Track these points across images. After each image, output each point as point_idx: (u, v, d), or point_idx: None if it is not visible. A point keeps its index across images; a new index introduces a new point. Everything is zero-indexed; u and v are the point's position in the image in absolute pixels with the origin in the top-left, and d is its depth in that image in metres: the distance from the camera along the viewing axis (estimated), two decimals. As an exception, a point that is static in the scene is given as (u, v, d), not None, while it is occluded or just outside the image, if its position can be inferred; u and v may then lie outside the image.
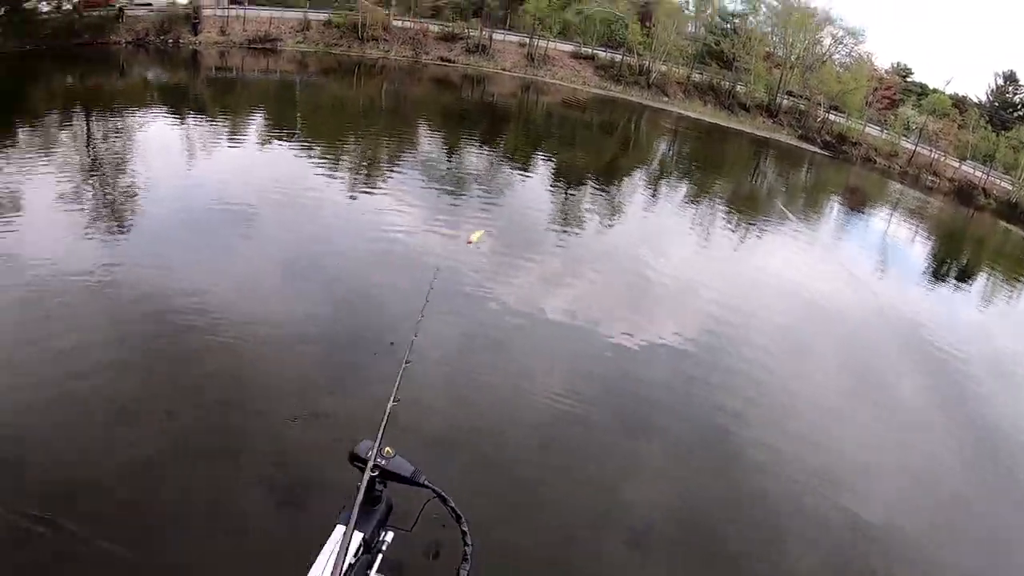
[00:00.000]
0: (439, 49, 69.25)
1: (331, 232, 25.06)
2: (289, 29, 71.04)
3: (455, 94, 59.86)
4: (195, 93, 55.33)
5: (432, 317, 19.13)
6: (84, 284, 19.94)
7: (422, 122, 43.90)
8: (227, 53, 69.87)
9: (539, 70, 69.42)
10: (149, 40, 74.95)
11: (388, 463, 4.18)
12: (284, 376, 15.80)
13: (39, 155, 36.36)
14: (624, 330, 18.78)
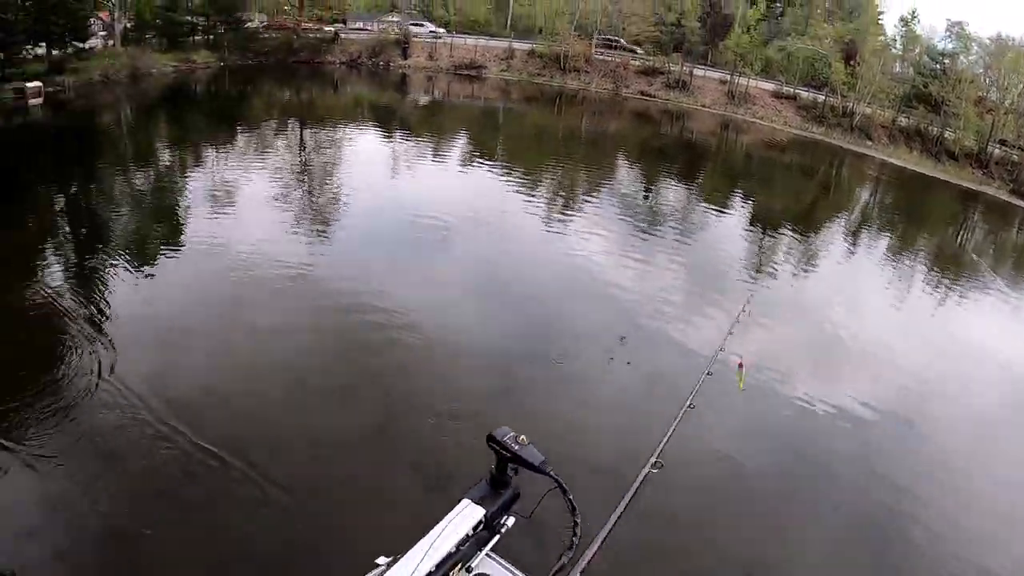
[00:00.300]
0: (639, 83, 69.28)
1: (522, 255, 25.19)
2: (494, 57, 73.22)
3: (654, 129, 58.65)
4: (402, 113, 57.59)
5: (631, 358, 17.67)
6: (285, 275, 21.18)
7: (620, 155, 43.75)
8: (434, 77, 72.65)
9: (739, 108, 66.71)
10: (361, 62, 78.91)
11: (520, 449, 4.37)
12: (455, 379, 16.26)
13: (255, 158, 38.96)
14: (804, 389, 17.67)
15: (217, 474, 12.34)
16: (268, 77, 75.47)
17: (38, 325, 18.56)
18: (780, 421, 16.40)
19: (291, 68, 78.11)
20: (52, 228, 27.15)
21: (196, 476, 12.40)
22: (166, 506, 11.82)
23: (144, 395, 14.74)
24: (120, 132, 50.84)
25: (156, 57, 75.67)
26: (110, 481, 12.45)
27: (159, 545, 10.93)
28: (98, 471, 12.66)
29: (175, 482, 12.39)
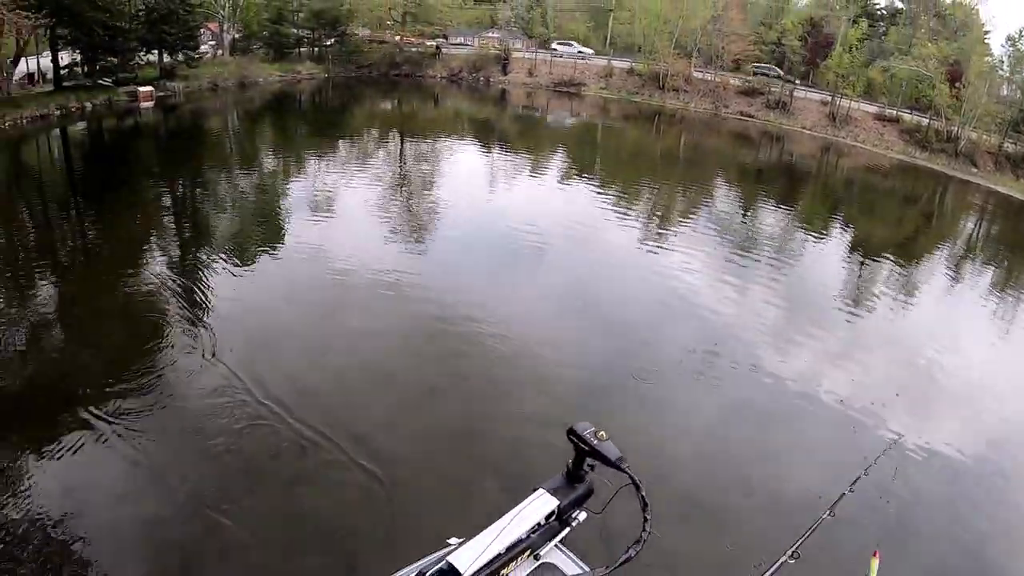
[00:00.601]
0: (739, 103, 68.58)
1: (614, 271, 25.06)
2: (593, 75, 73.46)
3: (753, 150, 58.01)
4: (501, 128, 58.26)
5: (708, 381, 17.18)
6: (379, 280, 21.81)
7: (718, 175, 43.44)
8: (533, 93, 73.37)
9: (840, 131, 64.41)
10: (462, 76, 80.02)
11: (599, 444, 4.53)
12: (539, 389, 16.25)
13: (356, 166, 40.10)
14: (895, 428, 16.97)
15: (304, 456, 13.04)
16: (370, 89, 77.12)
17: (144, 310, 19.87)
18: (861, 449, 15.97)
19: (393, 81, 79.68)
20: (159, 223, 28.59)
21: (283, 456, 13.18)
22: (254, 483, 12.62)
23: (242, 379, 15.70)
24: (226, 136, 52.71)
25: (263, 67, 78.14)
26: (203, 456, 13.37)
27: (243, 519, 11.60)
28: (192, 446, 13.60)
29: (264, 461, 13.17)
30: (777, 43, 71.71)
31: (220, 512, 11.71)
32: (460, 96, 73.66)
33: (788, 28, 71.09)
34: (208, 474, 12.81)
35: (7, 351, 17.25)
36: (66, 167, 42.53)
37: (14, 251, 24.88)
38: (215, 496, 12.04)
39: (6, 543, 10.87)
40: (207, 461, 13.18)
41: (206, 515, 11.65)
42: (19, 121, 49.04)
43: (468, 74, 79.03)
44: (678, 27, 70.86)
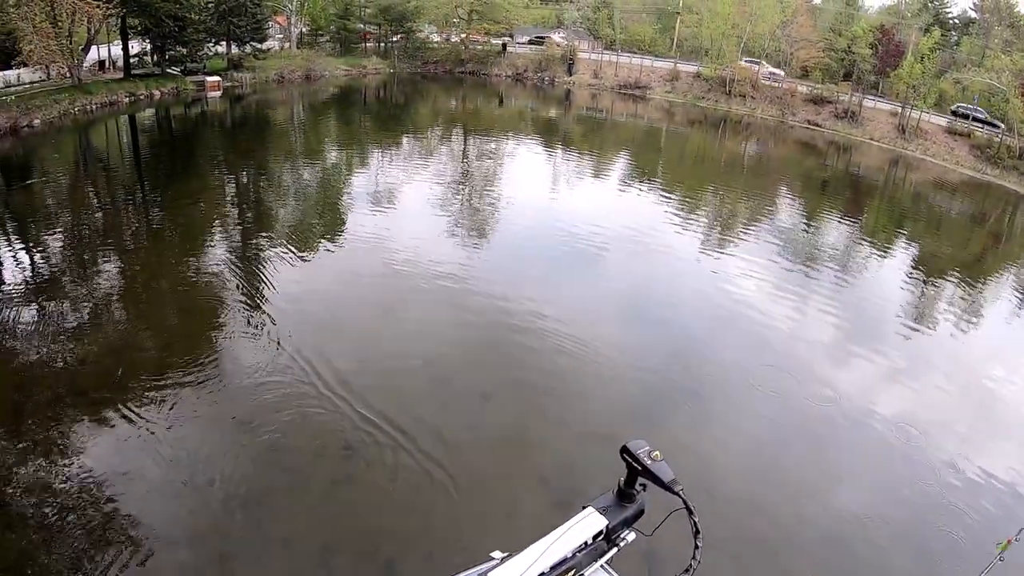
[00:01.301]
0: (806, 111, 67.37)
1: (673, 277, 24.98)
2: (659, 78, 73.15)
3: (818, 160, 56.73)
4: (565, 128, 58.19)
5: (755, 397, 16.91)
6: (439, 273, 22.09)
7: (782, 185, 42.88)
8: (598, 95, 73.40)
9: (909, 144, 61.82)
10: (527, 76, 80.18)
11: (653, 464, 4.29)
12: (593, 398, 16.13)
13: (419, 161, 40.64)
14: (955, 453, 16.14)
15: (350, 452, 13.24)
16: (435, 86, 77.61)
17: (204, 295, 20.55)
18: (918, 475, 15.57)
19: (458, 78, 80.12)
20: (222, 210, 29.47)
21: (328, 450, 13.48)
22: (297, 474, 12.90)
23: (297, 366, 16.14)
24: (291, 127, 53.53)
25: (329, 61, 79.22)
26: (250, 441, 13.75)
27: (284, 509, 11.98)
28: (241, 431, 14.00)
29: (310, 451, 13.45)
30: (847, 51, 70.46)
31: (262, 500, 12.11)
32: (524, 95, 73.88)
33: (858, 35, 69.85)
34: (254, 460, 13.16)
35: (71, 327, 18.00)
36: (133, 152, 43.63)
37: (81, 231, 25.79)
38: (259, 485, 12.43)
39: (53, 516, 11.31)
40: (254, 447, 13.58)
41: (249, 504, 12.01)
42: (89, 107, 50.58)
43: (533, 74, 79.15)
44: (746, 32, 70.09)
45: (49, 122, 45.78)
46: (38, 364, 16.16)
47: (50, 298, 19.56)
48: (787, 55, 71.30)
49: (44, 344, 17.06)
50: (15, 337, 17.44)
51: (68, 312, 18.92)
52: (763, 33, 70.74)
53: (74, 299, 19.73)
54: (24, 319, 18.41)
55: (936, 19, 75.31)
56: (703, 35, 74.77)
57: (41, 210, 28.36)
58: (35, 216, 27.30)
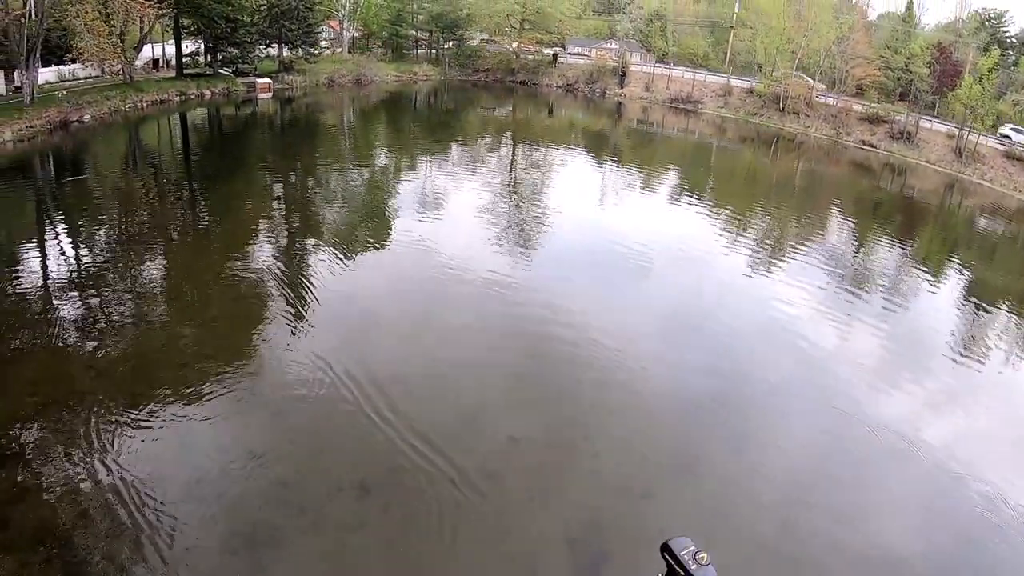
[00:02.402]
0: (861, 131, 65.47)
1: (719, 295, 24.47)
2: (711, 92, 72.59)
3: (872, 182, 55.22)
4: (615, 141, 58.11)
5: (795, 414, 16.68)
6: (482, 281, 22.25)
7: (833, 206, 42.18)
8: (649, 108, 73.05)
9: (966, 168, 59.09)
10: (578, 87, 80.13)
11: (697, 569, 3.94)
12: (636, 435, 15.31)
13: (467, 168, 40.93)
14: (996, 490, 15.61)
15: (378, 457, 13.30)
16: (485, 94, 77.79)
17: (248, 292, 20.86)
18: (956, 509, 14.93)
19: (508, 87, 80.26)
20: (269, 209, 29.97)
21: (361, 455, 13.56)
22: (327, 471, 13.04)
23: (335, 368, 16.27)
24: (340, 131, 54.01)
25: (380, 66, 79.82)
26: (284, 435, 14.01)
27: (311, 504, 12.13)
28: (276, 425, 14.27)
29: (341, 449, 13.69)
30: (904, 69, 69.28)
31: (291, 494, 12.29)
32: (575, 106, 73.91)
33: (915, 53, 68.62)
34: (286, 455, 13.37)
35: (112, 320, 18.39)
36: (183, 150, 44.25)
37: (128, 226, 26.45)
38: (293, 479, 12.67)
39: (91, 499, 11.70)
40: (287, 442, 13.82)
41: (280, 496, 12.22)
42: (140, 104, 51.68)
43: (584, 85, 79.03)
44: (801, 47, 69.15)
45: (100, 118, 46.73)
46: (75, 355, 16.60)
47: (94, 290, 20.20)
48: (842, 72, 70.02)
49: (84, 335, 17.52)
50: (57, 326, 17.90)
51: (111, 305, 19.45)
52: (818, 49, 69.53)
53: (117, 292, 20.27)
54: (67, 310, 18.96)
55: (994, 38, 73.82)
56: (757, 50, 73.90)
57: (90, 204, 29.19)
58: (84, 209, 28.14)
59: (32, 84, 42.97)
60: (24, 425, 13.58)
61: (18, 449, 12.87)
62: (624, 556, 11.71)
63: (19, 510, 11.37)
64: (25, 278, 20.88)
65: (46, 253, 23.12)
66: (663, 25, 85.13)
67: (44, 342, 17.05)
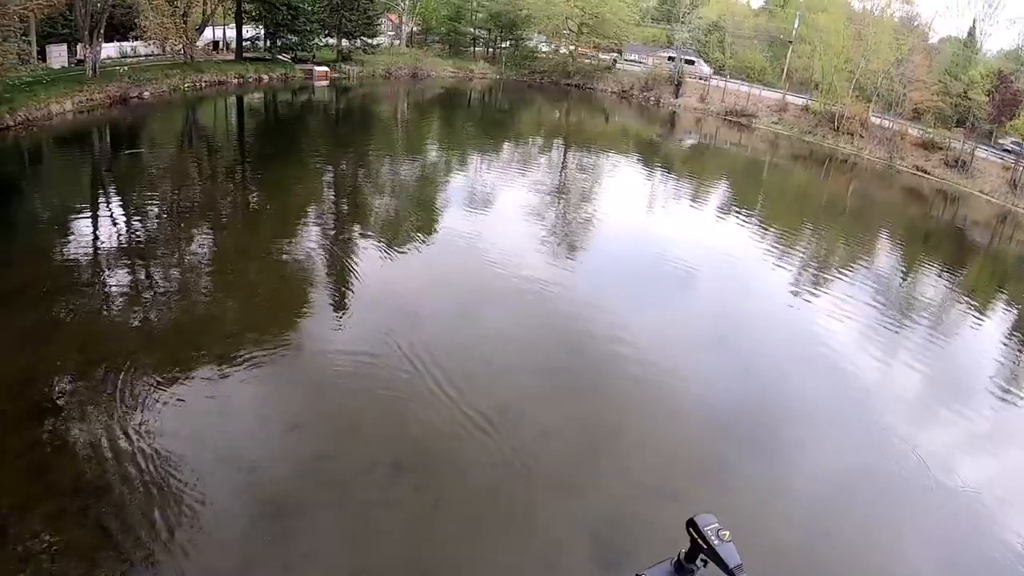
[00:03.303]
0: (915, 156, 64.01)
1: (759, 314, 24.36)
2: (766, 107, 72.27)
3: (923, 209, 54.12)
4: (667, 151, 58.13)
5: (820, 441, 16.53)
6: (525, 282, 22.53)
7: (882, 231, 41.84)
8: (702, 120, 72.77)
9: (1021, 200, 56.86)
10: (632, 94, 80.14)
11: (720, 544, 4.10)
12: (666, 442, 15.65)
13: (517, 169, 41.41)
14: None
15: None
16: (540, 96, 78.07)
17: (292, 275, 21.46)
18: (989, 548, 14.78)
19: (563, 90, 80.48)
20: (319, 196, 30.82)
21: (396, 446, 13.71)
22: (360, 460, 13.25)
23: (376, 350, 16.82)
24: (394, 123, 54.59)
25: (437, 61, 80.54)
26: (320, 417, 14.33)
27: (344, 490, 12.39)
28: (313, 407, 14.61)
29: (374, 436, 13.98)
30: (962, 95, 68.53)
31: (324, 466, 12.72)
32: (629, 113, 73.98)
33: (975, 80, 67.81)
34: (322, 429, 13.88)
35: (159, 292, 19.12)
36: (238, 132, 45.07)
37: (180, 202, 27.34)
38: (327, 453, 13.11)
39: (127, 456, 12.23)
40: (324, 417, 14.26)
41: (312, 468, 12.63)
42: (199, 84, 53.03)
43: (639, 92, 79.03)
44: (859, 67, 68.54)
45: (159, 95, 47.96)
46: (123, 319, 17.46)
47: (143, 260, 20.97)
48: (899, 95, 69.30)
49: (132, 301, 18.31)
50: (107, 292, 18.86)
51: (159, 275, 20.21)
52: (876, 70, 68.80)
53: (166, 263, 21.02)
54: (117, 277, 19.84)
55: (1056, 67, 72.54)
56: (815, 67, 73.43)
57: (144, 177, 30.21)
58: (138, 182, 29.22)
59: (95, 58, 44.22)
60: (69, 381, 14.34)
61: (62, 403, 13.59)
62: (646, 554, 11.98)
63: (58, 459, 12.05)
64: (78, 244, 21.89)
65: (99, 221, 24.09)
66: (721, 36, 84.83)
67: (94, 306, 17.94)
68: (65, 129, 37.43)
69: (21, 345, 15.55)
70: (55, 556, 10.23)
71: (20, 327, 16.35)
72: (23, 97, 36.33)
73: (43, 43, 47.83)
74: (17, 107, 35.72)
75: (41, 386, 14.14)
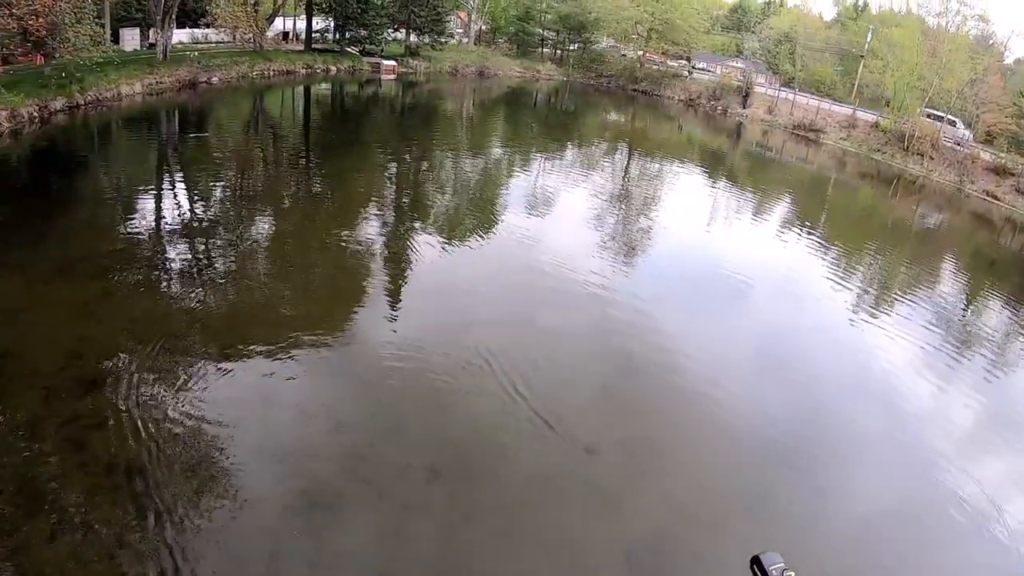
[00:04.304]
0: (986, 180, 60.93)
1: (815, 336, 23.98)
2: (835, 123, 70.82)
3: (991, 236, 52.01)
4: (731, 162, 57.85)
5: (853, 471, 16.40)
6: (580, 286, 22.84)
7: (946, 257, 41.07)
8: (769, 132, 71.96)
9: None
10: (699, 102, 79.66)
11: None
12: (712, 462, 15.49)
13: (580, 172, 41.83)
14: None
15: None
16: (606, 99, 78.14)
17: (350, 266, 22.08)
18: None
19: (630, 96, 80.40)
20: (380, 188, 31.73)
21: (433, 442, 14.00)
22: (401, 451, 13.57)
23: (427, 348, 17.11)
24: (459, 119, 55.08)
25: (504, 60, 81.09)
26: (362, 406, 14.79)
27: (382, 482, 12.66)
28: (357, 396, 15.10)
29: (416, 426, 14.34)
30: (1038, 119, 66.69)
31: (361, 464, 12.94)
32: (695, 122, 73.66)
33: (1053, 104, 65.89)
34: (364, 426, 14.13)
35: (218, 272, 19.94)
36: (303, 120, 45.97)
37: (243, 186, 28.36)
38: (366, 450, 13.36)
39: (166, 438, 12.63)
40: (367, 414, 14.51)
41: (350, 465, 12.89)
42: (267, 72, 54.46)
43: (706, 101, 78.61)
44: (933, 85, 67.03)
45: (227, 81, 49.38)
46: (175, 300, 18.09)
47: (201, 242, 21.87)
48: (972, 116, 67.64)
49: (186, 282, 19.06)
50: (162, 271, 19.58)
51: (215, 258, 21.03)
52: (950, 89, 67.20)
53: (223, 247, 21.82)
54: (174, 257, 20.67)
55: None
56: (886, 83, 71.95)
57: (208, 160, 31.43)
58: (201, 165, 30.48)
59: (166, 43, 45.73)
60: (116, 358, 14.83)
61: (106, 379, 14.05)
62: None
63: (97, 435, 12.44)
64: (139, 221, 23.06)
65: (161, 201, 24.98)
66: (792, 48, 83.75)
67: (148, 283, 18.64)
68: (134, 110, 38.68)
69: (72, 318, 16.20)
70: (87, 531, 10.57)
71: (73, 300, 17.10)
72: (93, 77, 37.51)
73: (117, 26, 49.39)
74: (87, 87, 37.00)
75: (88, 361, 14.61)
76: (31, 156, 30.39)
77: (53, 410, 12.92)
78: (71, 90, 36.35)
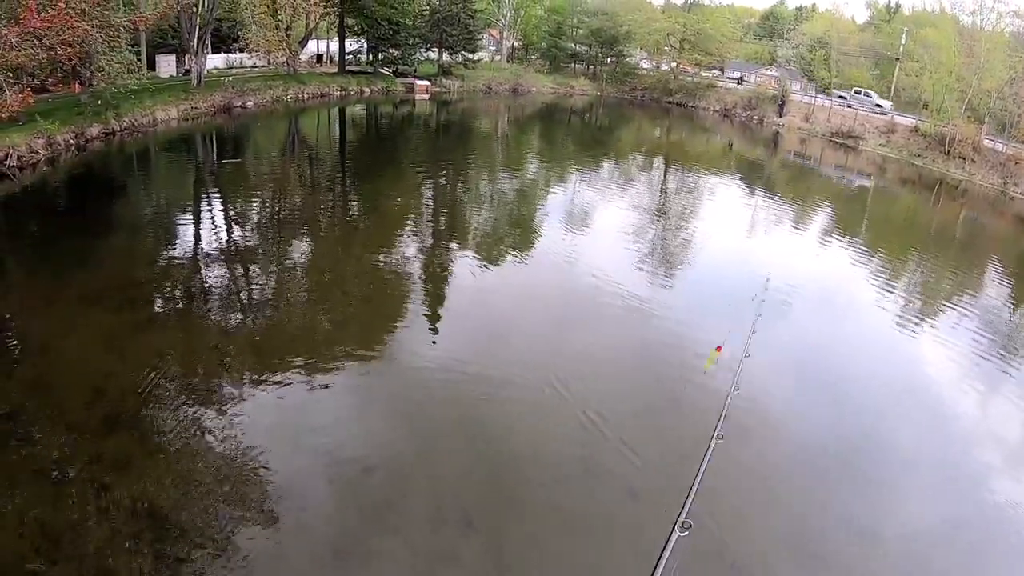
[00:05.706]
0: None
1: (858, 351, 23.38)
2: (874, 128, 69.88)
3: None
4: (769, 172, 57.60)
5: None
6: (620, 302, 22.89)
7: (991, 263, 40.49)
8: (807, 140, 71.60)
9: None
10: (735, 113, 79.51)
11: None
12: (762, 485, 15.15)
13: (617, 187, 42.25)
14: None
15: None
16: (641, 113, 78.20)
17: (387, 288, 22.35)
18: None
19: (664, 108, 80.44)
20: (417, 208, 32.11)
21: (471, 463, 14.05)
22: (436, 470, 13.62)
23: (468, 371, 17.18)
24: (494, 137, 55.39)
25: (537, 77, 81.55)
26: (398, 426, 14.84)
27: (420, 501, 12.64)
28: (394, 414, 15.22)
29: (453, 448, 14.37)
30: (1080, 119, 65.25)
31: (390, 513, 12.50)
32: (731, 133, 73.47)
33: (1096, 103, 64.37)
34: (396, 468, 13.71)
35: (254, 296, 20.34)
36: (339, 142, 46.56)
37: (279, 210, 28.75)
38: (396, 497, 12.90)
39: (189, 479, 12.51)
40: (398, 453, 14.20)
41: (378, 513, 12.48)
42: (301, 96, 55.45)
43: (742, 111, 78.27)
44: (971, 86, 65.62)
45: (262, 105, 50.33)
46: (206, 331, 18.14)
47: (238, 265, 22.41)
48: (1014, 116, 66.26)
49: (218, 314, 19.14)
50: (198, 295, 19.98)
51: (252, 281, 21.49)
52: (989, 90, 65.82)
53: (259, 270, 22.32)
54: (210, 280, 21.13)
55: None
56: (924, 85, 70.85)
57: (244, 184, 32.27)
58: (238, 189, 31.31)
59: (200, 69, 46.83)
60: (142, 395, 14.79)
61: (132, 416, 14.07)
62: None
63: (122, 477, 12.27)
64: (174, 249, 23.58)
65: (199, 225, 25.40)
66: (827, 54, 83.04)
67: (181, 313, 18.97)
68: (169, 136, 39.61)
69: (101, 348, 16.47)
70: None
71: (104, 328, 17.43)
72: (129, 104, 38.44)
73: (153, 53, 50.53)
74: (123, 113, 37.95)
75: (115, 395, 14.69)
76: (67, 183, 31.40)
77: (79, 450, 12.91)
78: (107, 117, 37.30)
